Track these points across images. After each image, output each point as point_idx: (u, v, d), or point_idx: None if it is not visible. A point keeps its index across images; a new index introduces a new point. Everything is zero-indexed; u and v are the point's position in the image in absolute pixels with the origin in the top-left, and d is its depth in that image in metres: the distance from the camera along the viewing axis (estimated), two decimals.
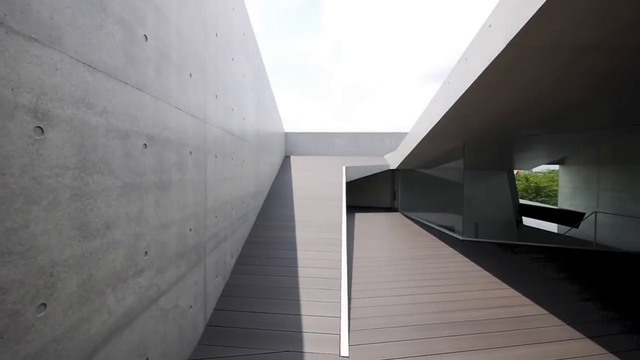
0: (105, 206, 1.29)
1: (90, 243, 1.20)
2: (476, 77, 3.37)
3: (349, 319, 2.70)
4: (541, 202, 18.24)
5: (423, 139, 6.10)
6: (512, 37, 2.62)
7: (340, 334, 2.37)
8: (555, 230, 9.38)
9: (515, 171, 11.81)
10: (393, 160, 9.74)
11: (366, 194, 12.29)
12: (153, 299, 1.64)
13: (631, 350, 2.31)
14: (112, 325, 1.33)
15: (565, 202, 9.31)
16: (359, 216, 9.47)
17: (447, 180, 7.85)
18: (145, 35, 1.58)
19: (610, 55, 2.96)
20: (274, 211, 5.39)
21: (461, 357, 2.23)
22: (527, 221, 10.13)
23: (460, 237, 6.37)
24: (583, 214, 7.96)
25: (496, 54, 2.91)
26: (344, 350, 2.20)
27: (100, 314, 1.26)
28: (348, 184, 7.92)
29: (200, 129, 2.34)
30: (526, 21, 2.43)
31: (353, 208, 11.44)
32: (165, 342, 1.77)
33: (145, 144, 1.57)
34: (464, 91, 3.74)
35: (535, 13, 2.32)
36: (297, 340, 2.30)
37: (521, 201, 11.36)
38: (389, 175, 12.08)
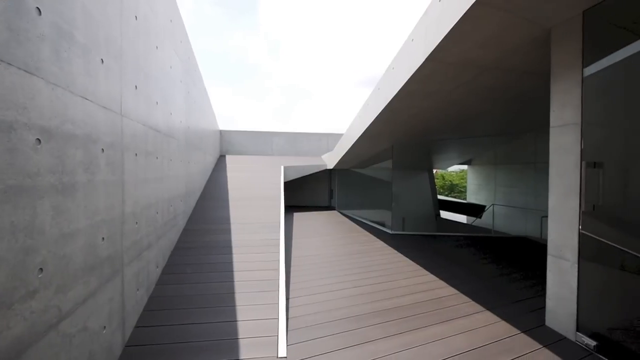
0: None
1: None
2: (402, 85, 3.71)
3: (287, 319, 2.70)
4: (454, 197, 21.08)
5: (357, 140, 6.46)
6: (430, 52, 2.96)
7: (278, 335, 2.36)
8: (465, 221, 10.97)
9: (434, 170, 13.39)
10: (330, 160, 10.08)
11: (304, 193, 12.45)
12: (52, 324, 1.38)
13: (523, 314, 2.85)
14: None
15: (472, 196, 10.94)
16: (297, 215, 9.54)
17: (378, 179, 8.48)
18: (38, 8, 1.31)
19: (503, 74, 3.58)
20: (207, 213, 5.05)
21: (390, 341, 2.44)
22: (444, 214, 11.60)
23: (390, 231, 6.94)
24: (484, 206, 9.48)
25: (418, 66, 3.24)
26: (282, 351, 2.19)
27: None
28: (286, 183, 7.90)
29: (116, 123, 2.05)
30: (441, 39, 2.76)
31: (291, 208, 11.47)
32: None
33: (38, 139, 1.31)
34: (391, 97, 4.08)
35: (448, 33, 2.66)
36: (233, 347, 2.21)
37: (439, 197, 12.93)
38: (326, 175, 12.45)
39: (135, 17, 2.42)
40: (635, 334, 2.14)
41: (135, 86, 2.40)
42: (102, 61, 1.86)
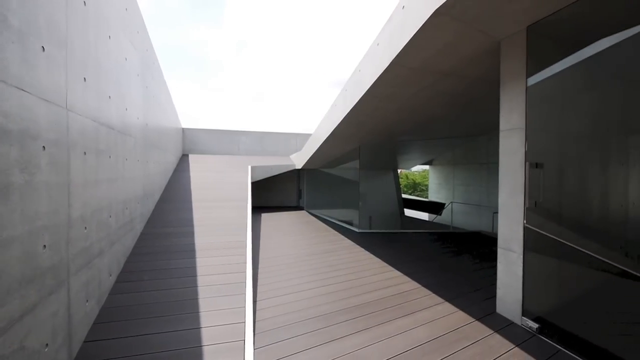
0: None
1: None
2: (367, 88, 3.80)
3: (254, 322, 2.65)
4: (417, 195, 22.14)
5: (324, 140, 6.52)
6: (394, 56, 3.07)
7: (245, 340, 2.30)
8: (427, 218, 11.57)
9: (399, 170, 13.95)
10: (298, 160, 10.05)
11: (272, 193, 12.30)
12: None
13: (477, 303, 3.07)
14: None
15: (433, 195, 11.55)
16: (265, 216, 9.39)
17: (346, 179, 8.63)
18: None
19: (460, 81, 3.81)
20: (168, 216, 4.78)
21: (358, 337, 2.49)
22: (407, 212, 12.12)
23: (357, 230, 7.10)
24: (444, 204, 10.07)
25: (382, 70, 3.35)
26: (249, 355, 2.14)
27: None
28: (254, 184, 7.74)
29: (60, 118, 1.86)
30: (404, 44, 2.88)
31: (259, 208, 11.27)
32: None
33: None
34: (358, 99, 4.17)
35: (410, 39, 2.77)
36: (195, 356, 2.11)
37: (403, 196, 13.49)
38: (295, 175, 12.40)
39: (84, 2, 2.21)
40: (570, 316, 2.41)
41: (84, 78, 2.20)
42: (43, 49, 1.68)
